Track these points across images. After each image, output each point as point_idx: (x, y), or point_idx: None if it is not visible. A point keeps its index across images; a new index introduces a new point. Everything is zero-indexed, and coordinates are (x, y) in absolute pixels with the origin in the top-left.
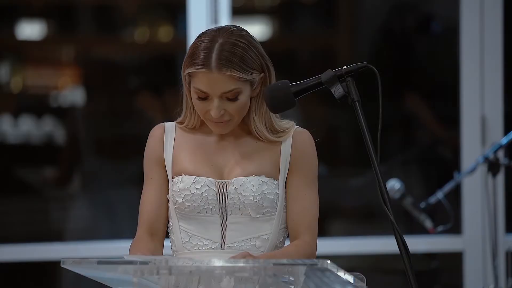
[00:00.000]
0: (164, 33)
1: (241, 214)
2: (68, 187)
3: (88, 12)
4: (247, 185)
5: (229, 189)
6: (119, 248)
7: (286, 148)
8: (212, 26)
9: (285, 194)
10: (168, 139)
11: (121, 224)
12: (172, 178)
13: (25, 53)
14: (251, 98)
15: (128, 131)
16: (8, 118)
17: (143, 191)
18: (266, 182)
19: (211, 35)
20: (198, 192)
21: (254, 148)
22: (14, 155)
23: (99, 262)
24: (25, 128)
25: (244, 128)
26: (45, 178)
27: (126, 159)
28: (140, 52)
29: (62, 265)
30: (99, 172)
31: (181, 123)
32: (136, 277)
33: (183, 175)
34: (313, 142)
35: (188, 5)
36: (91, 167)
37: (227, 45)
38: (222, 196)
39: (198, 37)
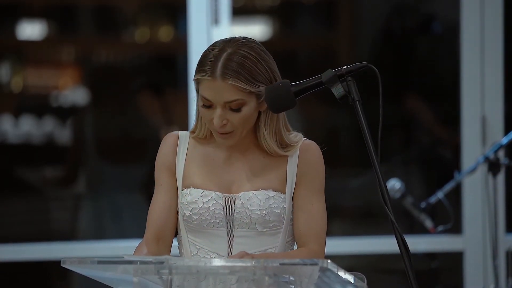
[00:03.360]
0: (165, 33)
1: (248, 228)
2: (73, 187)
3: (89, 12)
4: (254, 200)
5: (236, 203)
6: (121, 248)
7: (292, 162)
8: (213, 27)
9: (292, 207)
10: (181, 149)
11: (121, 224)
12: (182, 190)
13: (25, 53)
14: (260, 112)
15: (128, 131)
16: (9, 118)
17: (153, 197)
18: (273, 196)
19: (222, 45)
20: (205, 205)
21: (261, 164)
22: (15, 155)
23: (99, 262)
24: (26, 128)
25: (252, 142)
26: (45, 178)
27: (126, 159)
28: (140, 53)
29: (62, 265)
30: (101, 172)
31: (193, 132)
32: (136, 276)
33: (192, 188)
34: (320, 153)
35: (189, 5)
36: (93, 168)
37: (235, 55)
38: (229, 210)
39: (210, 46)
